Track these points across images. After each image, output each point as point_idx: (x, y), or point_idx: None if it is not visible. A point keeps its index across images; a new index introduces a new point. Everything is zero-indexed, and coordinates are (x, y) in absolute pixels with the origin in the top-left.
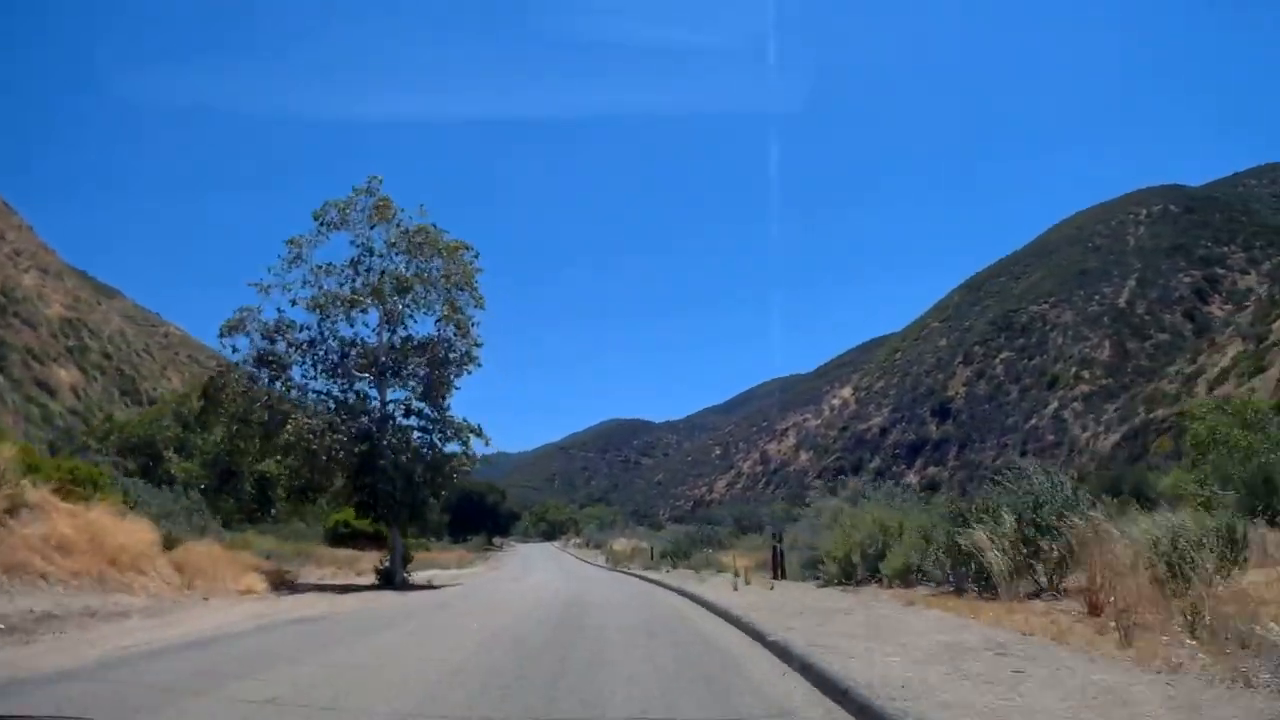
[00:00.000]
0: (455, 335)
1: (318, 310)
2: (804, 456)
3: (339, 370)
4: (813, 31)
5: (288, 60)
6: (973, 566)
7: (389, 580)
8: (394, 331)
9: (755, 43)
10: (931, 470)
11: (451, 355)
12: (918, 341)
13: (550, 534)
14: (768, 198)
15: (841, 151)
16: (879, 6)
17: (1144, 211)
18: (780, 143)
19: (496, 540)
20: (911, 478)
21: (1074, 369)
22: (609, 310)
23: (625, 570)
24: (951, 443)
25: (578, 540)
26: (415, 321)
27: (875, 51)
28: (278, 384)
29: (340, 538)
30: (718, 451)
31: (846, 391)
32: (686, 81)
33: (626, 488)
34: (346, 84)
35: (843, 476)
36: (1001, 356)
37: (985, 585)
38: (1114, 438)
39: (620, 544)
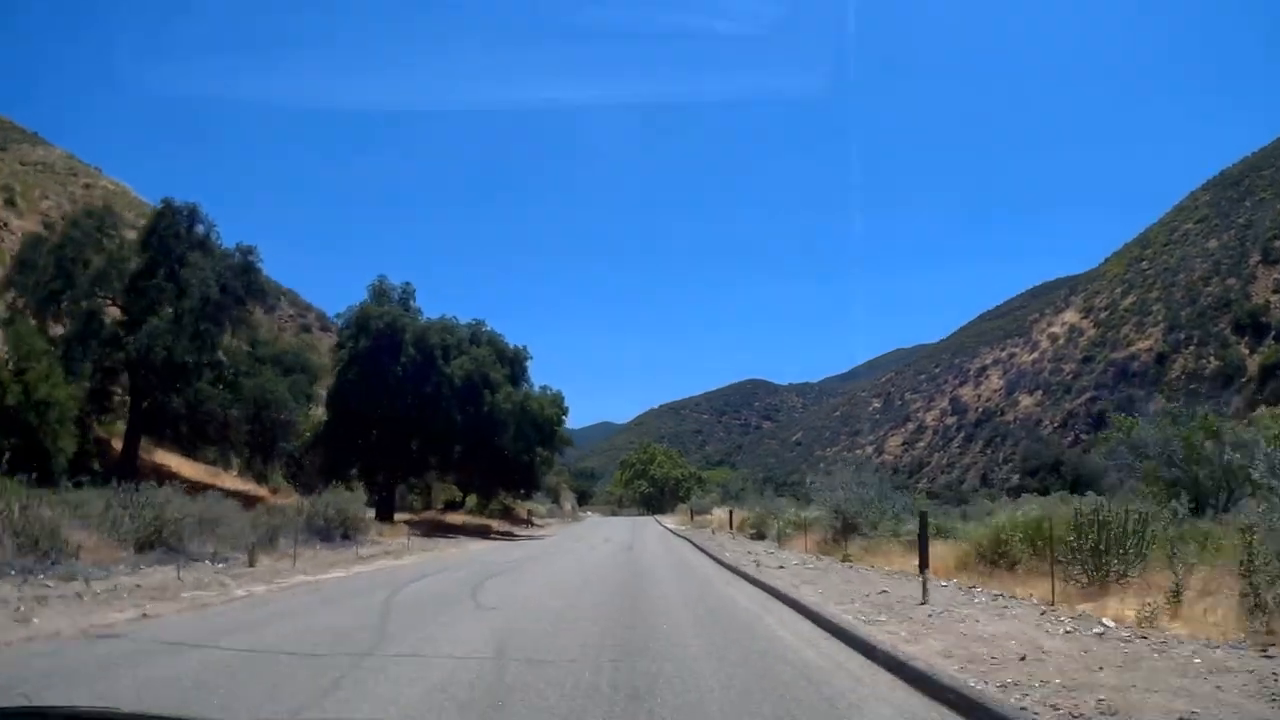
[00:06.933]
0: None
1: None
2: (1027, 400)
3: None
4: None
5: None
6: None
7: None
8: None
9: None
10: (1266, 410)
11: None
12: (1167, 247)
13: (652, 501)
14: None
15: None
16: None
17: None
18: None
19: (530, 509)
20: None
21: None
22: (724, 274)
23: None
24: None
25: (727, 517)
26: None
27: None
28: None
29: None
30: (875, 405)
31: (1070, 315)
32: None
33: (751, 449)
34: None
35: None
36: None
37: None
38: None
39: None
